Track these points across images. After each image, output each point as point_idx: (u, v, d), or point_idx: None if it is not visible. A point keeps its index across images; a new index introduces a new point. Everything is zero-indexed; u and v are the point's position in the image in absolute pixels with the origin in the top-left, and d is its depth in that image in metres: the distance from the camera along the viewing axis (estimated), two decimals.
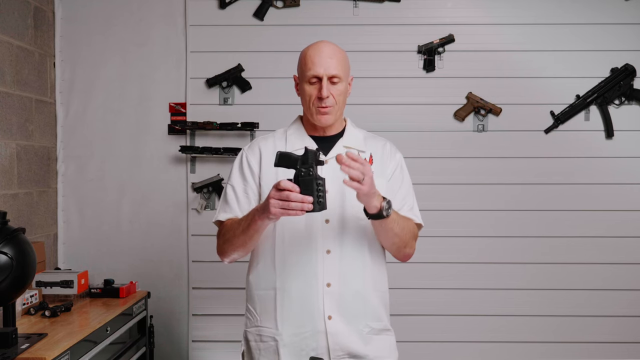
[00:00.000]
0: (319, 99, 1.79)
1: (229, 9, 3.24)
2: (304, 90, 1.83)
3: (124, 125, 3.27)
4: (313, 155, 1.60)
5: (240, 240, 1.77)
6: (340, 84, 1.81)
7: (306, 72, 1.81)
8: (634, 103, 3.21)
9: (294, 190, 1.57)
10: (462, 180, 3.23)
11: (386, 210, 1.68)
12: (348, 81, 1.88)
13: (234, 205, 1.86)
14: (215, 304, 3.23)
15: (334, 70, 1.79)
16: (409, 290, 3.18)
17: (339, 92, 1.82)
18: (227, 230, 1.82)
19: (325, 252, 1.79)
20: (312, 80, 1.80)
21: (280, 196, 1.58)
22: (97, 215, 3.28)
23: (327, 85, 1.79)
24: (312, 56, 1.81)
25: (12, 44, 2.86)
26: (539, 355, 3.21)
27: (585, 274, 3.21)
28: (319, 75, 1.79)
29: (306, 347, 1.79)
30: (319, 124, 1.84)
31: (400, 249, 1.84)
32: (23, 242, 2.07)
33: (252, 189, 1.86)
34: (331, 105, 1.80)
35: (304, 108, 1.87)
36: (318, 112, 1.81)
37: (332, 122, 1.84)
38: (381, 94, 3.21)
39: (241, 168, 1.89)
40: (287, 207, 1.57)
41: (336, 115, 1.84)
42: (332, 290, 1.78)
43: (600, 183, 3.21)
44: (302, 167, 1.58)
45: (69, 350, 2.13)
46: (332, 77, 1.79)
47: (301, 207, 1.56)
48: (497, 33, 3.23)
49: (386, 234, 1.78)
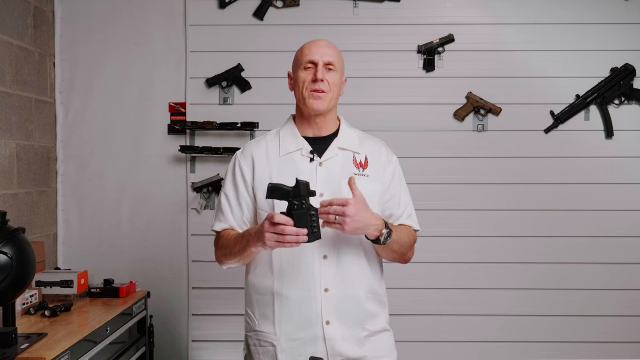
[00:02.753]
0: (313, 82, 1.79)
1: (229, 9, 3.24)
2: (298, 78, 1.83)
3: (124, 125, 3.27)
4: (305, 187, 1.62)
5: (237, 257, 1.81)
6: (335, 73, 1.82)
7: (302, 60, 1.83)
8: (634, 103, 3.21)
9: (288, 224, 1.60)
10: (462, 180, 3.23)
11: (385, 239, 1.72)
12: (343, 77, 1.88)
13: (228, 216, 1.88)
14: (215, 304, 3.23)
15: (329, 57, 1.82)
16: (408, 290, 3.18)
17: (334, 81, 1.82)
18: (224, 245, 1.84)
19: (322, 258, 1.79)
20: (308, 66, 1.81)
21: (275, 230, 1.61)
22: (97, 215, 3.28)
23: (322, 70, 1.80)
24: (310, 46, 1.84)
25: (12, 44, 2.86)
26: (539, 355, 3.21)
27: (585, 273, 3.21)
28: (315, 60, 1.81)
29: (304, 352, 1.78)
30: (311, 109, 1.81)
31: (398, 259, 1.88)
32: (23, 242, 2.06)
33: (245, 199, 1.86)
34: (325, 90, 1.80)
35: (298, 98, 1.85)
36: (311, 97, 1.80)
37: (325, 109, 1.82)
38: (381, 94, 3.21)
39: (234, 177, 1.88)
40: (282, 241, 1.61)
41: (330, 103, 1.82)
42: (330, 296, 1.78)
43: (600, 183, 3.21)
44: (294, 200, 1.61)
45: (69, 350, 2.13)
46: (328, 64, 1.81)
47: (296, 240, 1.61)
48: (497, 33, 3.23)
49: (384, 251, 1.83)
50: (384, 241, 1.72)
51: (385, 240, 1.72)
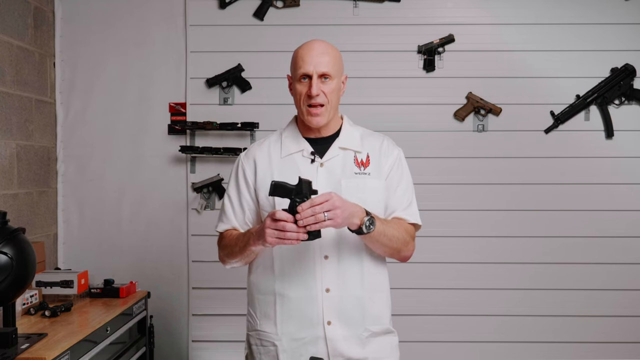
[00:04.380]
0: (308, 96, 1.77)
1: (229, 9, 3.24)
2: (295, 89, 1.82)
3: (124, 125, 3.27)
4: (307, 186, 1.63)
5: (238, 256, 1.82)
6: (331, 82, 1.78)
7: (297, 71, 1.79)
8: (634, 103, 3.21)
9: (289, 221, 1.60)
10: (462, 180, 3.23)
11: (367, 227, 1.68)
12: (341, 79, 1.85)
13: (230, 217, 1.89)
14: (215, 304, 3.23)
15: (324, 67, 1.77)
16: (408, 290, 3.18)
17: (331, 89, 1.78)
18: (226, 244, 1.86)
19: (323, 258, 1.78)
20: (303, 79, 1.79)
21: (276, 226, 1.60)
22: (97, 215, 3.28)
23: (317, 83, 1.76)
24: (303, 55, 1.79)
25: (12, 44, 2.86)
26: (539, 355, 3.21)
27: (585, 273, 3.21)
28: (308, 73, 1.77)
29: (305, 352, 1.78)
30: (310, 125, 1.82)
31: (393, 255, 1.84)
32: (23, 242, 2.06)
33: (247, 201, 1.87)
34: (322, 103, 1.78)
35: (297, 108, 1.85)
36: (309, 113, 1.79)
37: (324, 122, 1.81)
38: (381, 94, 3.21)
39: (237, 179, 1.89)
40: (282, 237, 1.61)
41: (328, 115, 1.81)
42: (331, 296, 1.78)
43: (600, 183, 3.21)
44: (296, 197, 1.61)
45: (69, 350, 2.13)
46: (323, 74, 1.77)
47: (297, 237, 1.60)
48: (497, 33, 3.23)
49: (373, 245, 1.79)
50: (367, 229, 1.68)
51: (367, 228, 1.68)
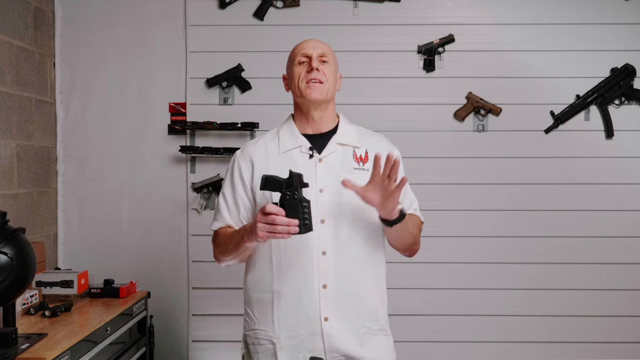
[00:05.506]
0: (308, 72, 1.81)
1: (229, 9, 3.24)
2: (293, 73, 1.85)
3: (124, 125, 3.27)
4: (298, 178, 1.63)
5: (232, 253, 1.82)
6: (329, 65, 1.85)
7: (295, 56, 1.86)
8: (634, 103, 3.21)
9: (280, 214, 1.60)
10: (462, 180, 3.23)
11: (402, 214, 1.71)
12: (337, 72, 1.90)
13: (225, 214, 1.89)
14: (215, 304, 3.23)
15: (322, 50, 1.85)
16: (408, 290, 3.18)
17: (330, 70, 1.84)
18: (220, 242, 1.86)
19: (321, 254, 1.79)
20: (302, 60, 1.84)
21: (267, 220, 1.61)
22: (97, 215, 3.28)
23: (317, 61, 1.82)
24: (301, 43, 1.89)
25: (12, 44, 2.86)
26: (537, 355, 3.21)
27: (585, 273, 3.21)
28: (308, 53, 1.84)
29: (303, 349, 1.79)
30: (309, 99, 1.82)
31: (412, 246, 1.86)
32: (23, 242, 2.07)
33: (242, 198, 1.87)
34: (321, 80, 1.81)
35: (294, 93, 1.86)
36: (308, 87, 1.81)
37: (323, 98, 1.82)
38: (381, 94, 3.20)
39: (232, 177, 1.89)
40: (273, 231, 1.61)
41: (327, 94, 1.83)
42: (328, 292, 1.78)
43: (600, 183, 3.21)
44: (287, 191, 1.62)
45: (69, 350, 2.13)
46: (321, 55, 1.84)
47: (287, 230, 1.60)
48: (497, 33, 3.23)
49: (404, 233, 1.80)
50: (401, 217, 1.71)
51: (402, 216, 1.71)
